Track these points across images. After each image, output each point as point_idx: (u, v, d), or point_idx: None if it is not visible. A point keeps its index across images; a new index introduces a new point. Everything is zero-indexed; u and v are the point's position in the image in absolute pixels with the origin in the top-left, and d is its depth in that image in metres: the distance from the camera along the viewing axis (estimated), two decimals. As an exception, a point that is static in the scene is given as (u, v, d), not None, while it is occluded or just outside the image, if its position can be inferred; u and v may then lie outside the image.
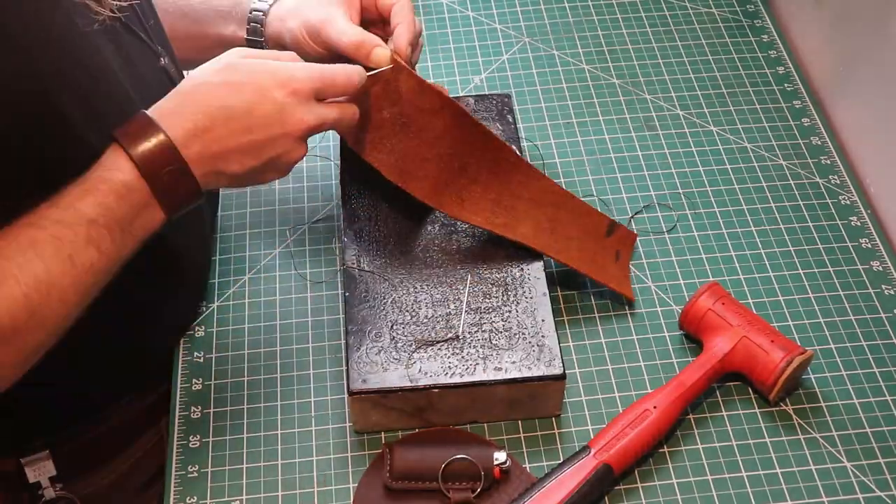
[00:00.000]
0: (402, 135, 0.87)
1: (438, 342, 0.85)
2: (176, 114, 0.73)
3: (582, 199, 0.94)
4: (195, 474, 0.85)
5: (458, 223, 0.93)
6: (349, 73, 0.80)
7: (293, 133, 0.76)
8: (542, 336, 0.85)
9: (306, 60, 0.85)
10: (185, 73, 0.90)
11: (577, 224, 0.93)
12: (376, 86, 0.85)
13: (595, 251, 0.93)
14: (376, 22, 0.91)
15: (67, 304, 0.69)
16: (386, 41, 0.86)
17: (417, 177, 0.88)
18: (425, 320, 0.86)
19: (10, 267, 0.66)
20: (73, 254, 0.68)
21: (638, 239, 0.99)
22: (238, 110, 0.74)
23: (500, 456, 0.81)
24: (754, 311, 0.91)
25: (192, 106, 0.74)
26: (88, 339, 0.74)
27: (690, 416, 0.87)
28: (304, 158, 1.07)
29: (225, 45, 0.89)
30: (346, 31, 0.85)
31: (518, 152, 0.98)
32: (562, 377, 0.83)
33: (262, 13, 0.92)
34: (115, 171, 0.71)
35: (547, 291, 0.88)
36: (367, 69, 0.83)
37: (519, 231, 0.90)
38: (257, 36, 0.92)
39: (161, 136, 0.72)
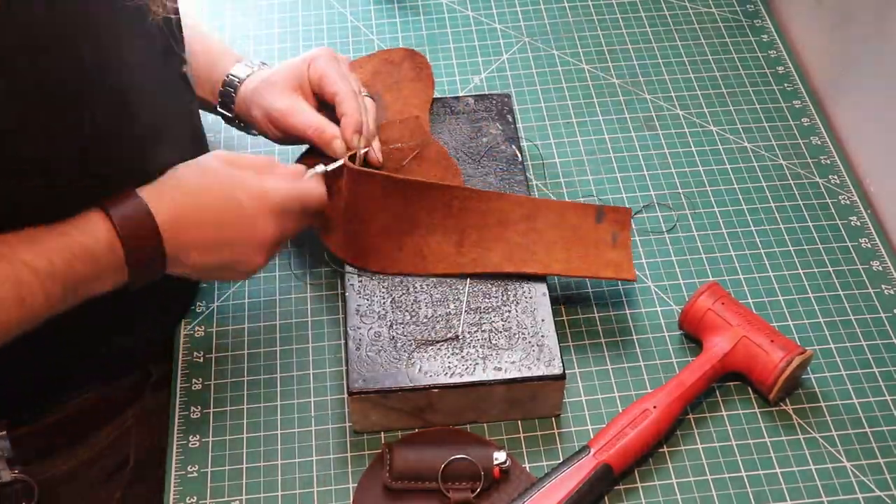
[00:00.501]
0: (349, 221, 0.89)
1: (438, 342, 0.85)
2: (158, 198, 0.78)
3: (584, 199, 0.95)
4: (195, 474, 0.85)
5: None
6: (321, 194, 0.87)
7: (257, 240, 0.82)
8: (542, 336, 0.85)
9: (280, 142, 0.94)
10: None
11: (558, 226, 0.90)
12: (331, 182, 0.89)
13: (587, 244, 0.90)
14: (328, 105, 0.93)
15: (1, 334, 0.72)
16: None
17: (370, 253, 0.90)
18: (425, 320, 0.86)
19: None
20: (26, 297, 0.72)
21: (638, 239, 0.99)
22: (210, 212, 0.80)
23: (499, 456, 0.82)
24: (754, 311, 0.91)
25: (172, 195, 0.79)
26: (54, 326, 0.76)
27: (690, 416, 0.87)
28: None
29: (201, 104, 0.96)
30: (308, 124, 0.90)
31: (517, 152, 0.98)
32: (562, 377, 0.83)
33: (232, 90, 0.96)
34: (93, 233, 0.75)
35: (547, 291, 0.88)
36: (326, 162, 0.89)
37: (491, 261, 0.89)
38: (227, 110, 0.97)
39: (144, 208, 0.77)
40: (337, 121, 0.90)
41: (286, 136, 0.92)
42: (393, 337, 0.85)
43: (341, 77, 0.91)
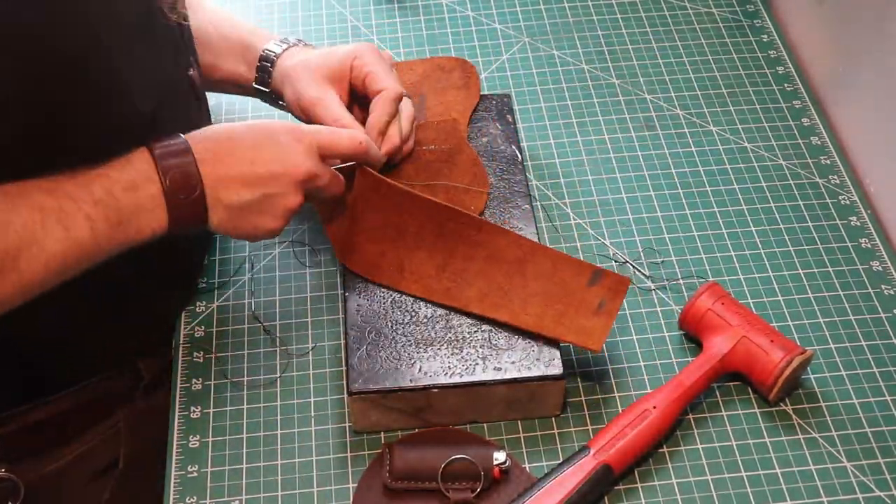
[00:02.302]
0: (345, 216, 0.89)
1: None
2: (196, 135, 0.80)
3: (584, 200, 0.94)
4: (195, 474, 0.85)
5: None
6: (354, 136, 0.85)
7: (291, 175, 0.81)
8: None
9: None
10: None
11: (547, 278, 0.86)
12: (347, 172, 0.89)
13: (568, 304, 0.85)
14: (361, 99, 0.94)
15: (49, 271, 0.72)
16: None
17: (354, 253, 0.89)
18: (425, 320, 0.86)
19: (17, 220, 0.70)
20: (70, 226, 0.72)
21: (638, 239, 0.99)
22: (246, 143, 0.80)
23: (499, 456, 0.82)
24: (754, 311, 0.91)
25: (210, 131, 0.81)
26: (45, 319, 0.77)
27: (690, 416, 0.87)
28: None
29: (236, 82, 0.97)
30: (336, 120, 0.89)
31: (517, 152, 0.98)
32: (561, 377, 0.83)
33: (269, 65, 0.96)
34: (132, 163, 0.76)
35: (547, 291, 0.88)
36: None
37: (464, 295, 0.86)
38: (263, 85, 0.97)
39: (182, 141, 0.77)
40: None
41: (310, 123, 0.91)
42: (393, 337, 0.85)
43: (388, 77, 0.92)
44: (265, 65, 0.96)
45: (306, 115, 0.91)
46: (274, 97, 0.98)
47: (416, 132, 0.96)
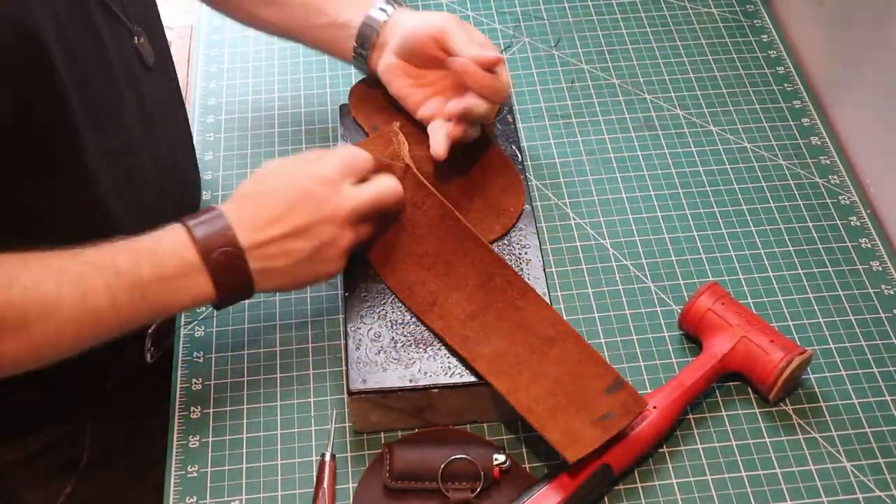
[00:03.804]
0: (394, 226, 0.89)
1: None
2: (232, 208, 0.78)
3: (583, 199, 0.94)
4: (195, 474, 0.85)
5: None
6: (364, 156, 0.85)
7: (333, 219, 0.80)
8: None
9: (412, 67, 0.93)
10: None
11: (567, 367, 0.81)
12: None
13: (572, 400, 0.80)
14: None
15: (62, 336, 0.71)
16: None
17: (396, 269, 0.88)
18: (425, 320, 0.86)
19: (25, 278, 0.68)
20: (88, 292, 0.70)
21: (638, 239, 0.99)
22: (280, 206, 0.78)
23: (499, 456, 0.82)
24: (754, 311, 0.91)
25: (238, 198, 0.80)
26: None
27: (690, 416, 0.87)
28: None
29: (339, 27, 0.94)
30: (421, 108, 0.92)
31: (517, 152, 0.98)
32: (561, 377, 0.83)
33: (371, 34, 0.94)
34: (161, 237, 0.75)
35: (547, 291, 0.88)
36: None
37: (478, 349, 0.83)
38: (363, 49, 0.95)
39: (220, 216, 0.77)
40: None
41: (438, 55, 0.91)
42: (393, 337, 0.85)
43: (468, 45, 0.89)
44: (366, 34, 0.94)
45: (437, 42, 0.90)
46: (367, 66, 0.96)
47: None
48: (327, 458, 0.84)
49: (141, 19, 0.88)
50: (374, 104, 0.99)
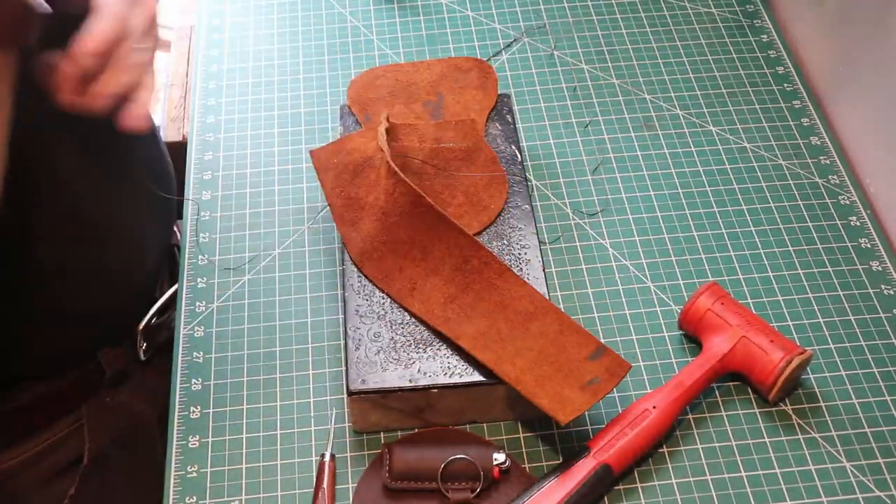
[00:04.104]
0: (370, 218, 0.90)
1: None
2: None
3: (584, 201, 0.94)
4: (195, 474, 0.85)
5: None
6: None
7: None
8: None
9: None
10: None
11: (549, 339, 0.83)
12: (371, 171, 0.90)
13: (559, 371, 0.81)
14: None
15: None
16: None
17: (372, 258, 0.89)
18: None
19: None
20: None
21: (638, 239, 0.99)
22: None
23: (499, 456, 0.82)
24: (754, 311, 0.91)
25: None
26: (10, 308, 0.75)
27: (690, 417, 0.87)
28: (304, 159, 1.08)
29: None
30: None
31: (517, 152, 0.98)
32: (561, 377, 0.83)
33: None
34: None
35: (547, 291, 0.88)
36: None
37: (460, 329, 0.84)
38: None
39: None
40: None
41: None
42: (392, 337, 0.85)
43: None
44: None
45: None
46: None
47: (436, 131, 0.97)
48: (327, 458, 0.84)
49: None
50: (369, 96, 1.01)
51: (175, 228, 1.09)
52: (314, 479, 0.84)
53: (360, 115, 1.00)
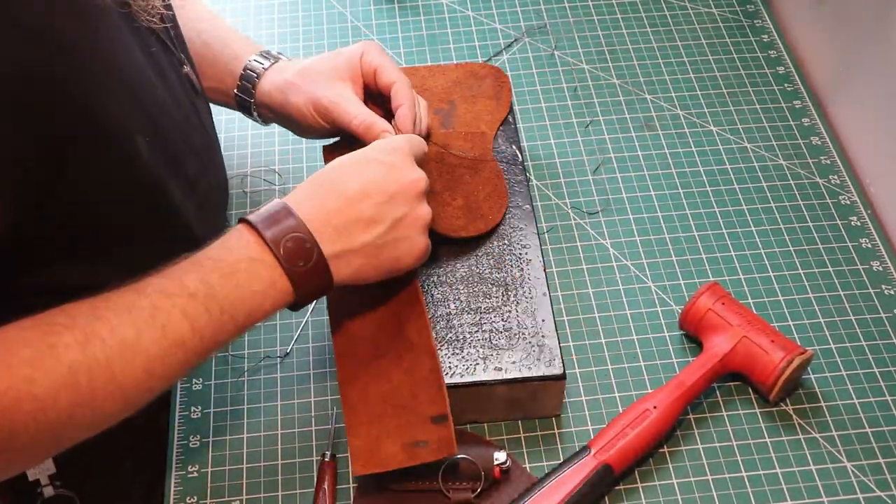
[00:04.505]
0: None
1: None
2: (296, 195, 0.75)
3: (584, 199, 0.94)
4: (195, 474, 0.85)
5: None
6: (420, 140, 0.84)
7: (409, 190, 0.77)
8: (542, 336, 0.85)
9: (308, 134, 0.91)
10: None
11: (411, 380, 0.79)
12: None
13: (395, 414, 0.78)
14: (375, 97, 0.91)
15: (152, 376, 0.67)
16: (390, 119, 0.89)
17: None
18: (425, 320, 0.86)
19: (101, 329, 0.65)
20: (167, 324, 0.66)
21: (638, 239, 0.99)
22: (351, 185, 0.75)
23: (500, 456, 0.81)
24: (754, 311, 0.91)
25: (308, 187, 0.76)
26: None
27: (690, 416, 0.87)
28: (305, 158, 1.08)
29: (217, 93, 0.95)
30: (357, 115, 0.86)
31: (517, 152, 0.98)
32: (562, 377, 0.83)
33: (255, 74, 0.93)
34: (231, 248, 0.71)
35: (547, 291, 0.88)
36: None
37: (347, 325, 0.81)
38: (247, 95, 0.94)
39: (278, 204, 0.73)
40: (386, 117, 0.88)
41: (328, 126, 0.89)
42: (393, 337, 0.85)
43: (396, 69, 0.90)
44: (250, 74, 0.93)
45: (324, 117, 0.88)
46: (254, 109, 0.95)
47: (444, 139, 0.95)
48: (328, 458, 0.84)
49: (184, 51, 0.89)
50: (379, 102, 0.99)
51: None
52: (315, 479, 0.84)
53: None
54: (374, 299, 0.83)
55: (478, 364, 0.83)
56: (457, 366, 0.83)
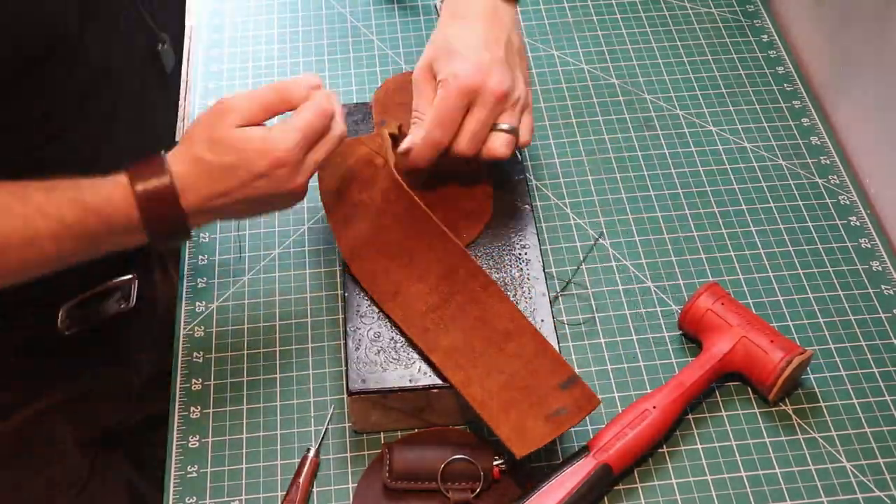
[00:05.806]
0: (362, 217, 0.89)
1: None
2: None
3: (583, 200, 0.94)
4: (195, 474, 0.85)
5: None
6: (320, 109, 0.80)
7: (290, 192, 0.79)
8: (542, 336, 0.85)
9: None
10: None
11: (523, 361, 0.81)
12: (368, 170, 0.90)
13: (526, 395, 0.80)
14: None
15: (8, 269, 0.75)
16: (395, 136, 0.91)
17: (361, 257, 0.88)
18: (425, 320, 0.86)
19: None
20: (35, 238, 0.73)
21: (638, 239, 0.99)
22: (233, 184, 0.77)
23: (499, 456, 0.81)
24: (754, 311, 0.91)
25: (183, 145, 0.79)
26: None
27: (690, 417, 0.87)
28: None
29: None
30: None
31: (517, 152, 0.98)
32: (561, 377, 0.83)
33: None
34: (116, 200, 0.75)
35: (547, 292, 0.88)
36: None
37: (436, 341, 0.83)
38: None
39: (159, 159, 0.77)
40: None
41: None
42: (392, 337, 0.85)
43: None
44: None
45: None
46: None
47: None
48: (311, 454, 0.84)
49: (166, 27, 0.92)
50: (395, 100, 0.98)
51: None
52: (314, 479, 0.84)
53: (378, 116, 0.97)
54: (457, 310, 0.84)
55: (477, 364, 0.83)
56: (456, 366, 0.83)
